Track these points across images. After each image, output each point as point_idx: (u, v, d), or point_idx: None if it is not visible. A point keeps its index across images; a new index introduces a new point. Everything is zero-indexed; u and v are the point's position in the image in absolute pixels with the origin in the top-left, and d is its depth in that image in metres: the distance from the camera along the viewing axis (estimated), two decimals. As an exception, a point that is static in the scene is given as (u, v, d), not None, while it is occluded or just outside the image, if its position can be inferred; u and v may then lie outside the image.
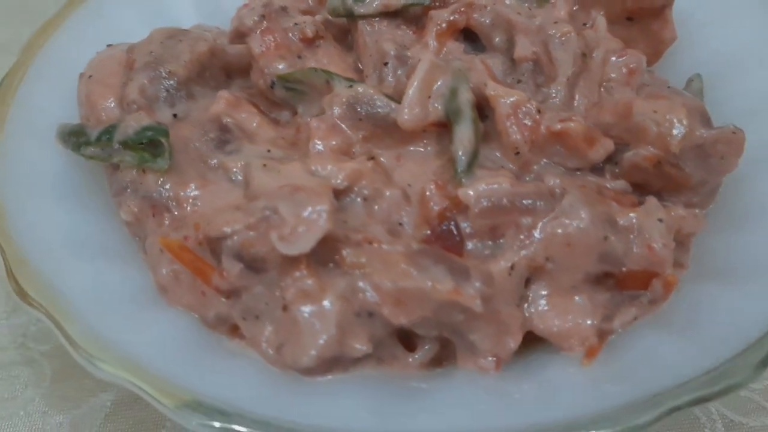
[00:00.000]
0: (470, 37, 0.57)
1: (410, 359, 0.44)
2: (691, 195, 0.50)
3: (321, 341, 0.41)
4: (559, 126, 0.47)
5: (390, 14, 0.56)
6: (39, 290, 0.42)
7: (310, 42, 0.55)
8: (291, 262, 0.42)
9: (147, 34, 0.61)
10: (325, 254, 0.43)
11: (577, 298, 0.45)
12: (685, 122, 0.47)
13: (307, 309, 0.42)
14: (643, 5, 0.61)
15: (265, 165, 0.47)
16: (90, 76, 0.55)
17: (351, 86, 0.50)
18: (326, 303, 0.42)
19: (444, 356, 0.46)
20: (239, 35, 0.55)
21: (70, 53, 0.59)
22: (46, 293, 0.42)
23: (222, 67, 0.57)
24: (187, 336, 0.44)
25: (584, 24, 0.60)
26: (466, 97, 0.48)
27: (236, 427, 0.36)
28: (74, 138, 0.52)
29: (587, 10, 0.62)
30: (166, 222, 0.47)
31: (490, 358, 0.44)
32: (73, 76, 0.58)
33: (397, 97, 0.51)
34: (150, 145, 0.49)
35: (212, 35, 0.58)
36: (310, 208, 0.41)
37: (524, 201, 0.44)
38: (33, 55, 0.57)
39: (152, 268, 0.47)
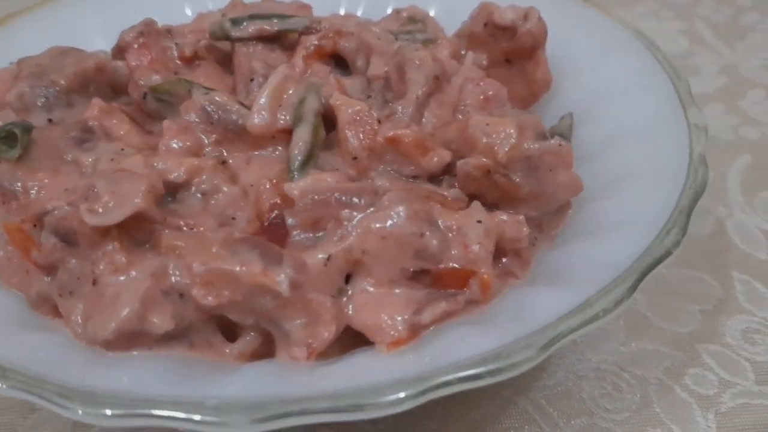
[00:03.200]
0: (341, 63, 0.61)
1: (227, 349, 0.45)
2: (528, 209, 0.52)
3: (122, 314, 0.42)
4: (391, 133, 0.49)
5: (266, 39, 0.60)
6: None
7: (188, 61, 0.59)
8: (103, 236, 0.43)
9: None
10: (141, 235, 0.44)
11: (396, 291, 0.45)
12: (513, 133, 0.49)
13: (113, 282, 0.43)
14: (516, 46, 0.64)
15: (112, 159, 0.49)
16: (-23, 84, 0.58)
17: (207, 93, 0.53)
18: (133, 277, 0.43)
19: (267, 352, 0.46)
20: (120, 50, 0.59)
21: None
22: None
23: (108, 83, 0.61)
24: (8, 311, 0.45)
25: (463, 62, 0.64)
26: (311, 106, 0.51)
27: (11, 385, 0.37)
28: (-53, 136, 0.55)
29: (474, 53, 0.66)
30: (14, 208, 0.49)
31: (303, 347, 0.44)
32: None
33: (256, 109, 0.53)
34: (9, 138, 0.51)
35: (106, 56, 0.62)
36: (126, 185, 0.43)
37: (345, 196, 0.46)
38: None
39: (-6, 251, 0.49)
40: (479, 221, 0.47)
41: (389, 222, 0.45)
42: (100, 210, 0.42)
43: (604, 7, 0.71)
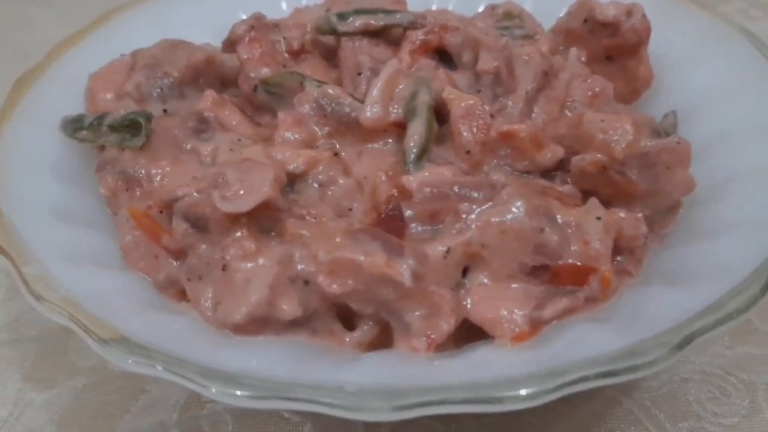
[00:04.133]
0: (446, 59, 0.61)
1: (347, 337, 0.46)
2: (641, 207, 0.51)
3: (253, 299, 0.43)
4: (505, 128, 0.49)
5: (371, 33, 0.61)
6: (5, 237, 0.46)
7: (295, 54, 0.60)
8: (233, 223, 0.45)
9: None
10: (268, 222, 0.45)
11: (513, 287, 0.46)
12: (630, 130, 0.49)
13: (243, 268, 0.44)
14: (619, 43, 0.64)
15: (231, 149, 0.51)
16: (95, 74, 0.60)
17: (320, 86, 0.54)
18: (262, 264, 0.44)
19: (384, 342, 0.47)
20: (231, 43, 0.60)
21: (87, 61, 0.65)
22: (12, 241, 0.46)
23: (217, 76, 0.62)
24: (137, 293, 0.47)
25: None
26: (423, 99, 0.52)
27: (152, 363, 0.38)
28: (72, 125, 0.57)
29: (569, 49, 0.66)
30: (138, 195, 0.51)
31: (422, 338, 0.44)
32: (85, 80, 0.64)
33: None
34: (131, 127, 0.53)
35: (213, 49, 0.64)
36: (255, 175, 0.44)
37: (464, 190, 0.47)
38: (54, 59, 0.63)
39: (118, 235, 0.51)
40: (598, 218, 0.46)
41: (509, 216, 0.45)
42: (232, 197, 0.43)
43: (705, 4, 0.70)
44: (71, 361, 0.59)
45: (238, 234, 0.44)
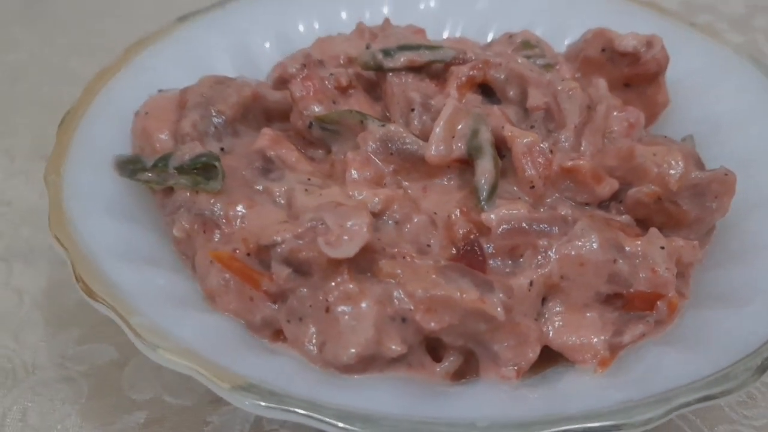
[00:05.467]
0: (486, 91, 0.64)
1: (437, 368, 0.48)
2: (688, 232, 0.55)
3: (361, 340, 0.45)
4: (569, 163, 0.53)
5: (415, 69, 0.63)
6: (104, 290, 0.46)
7: (343, 90, 0.62)
8: (334, 267, 0.46)
9: (191, 83, 0.68)
10: (363, 264, 0.47)
11: (588, 315, 0.49)
12: (681, 164, 0.53)
13: (347, 310, 0.46)
14: (639, 72, 0.68)
15: (306, 189, 0.52)
16: (146, 113, 0.61)
17: (383, 125, 0.56)
18: (364, 305, 0.46)
19: (466, 370, 0.50)
20: (282, 81, 0.61)
21: (124, 97, 0.65)
22: (111, 292, 0.46)
23: (262, 110, 0.64)
24: (235, 336, 0.48)
25: (587, 87, 0.67)
26: (486, 137, 0.54)
27: (289, 408, 0.40)
28: (131, 166, 0.57)
29: (588, 77, 0.69)
30: (216, 238, 0.51)
31: (511, 367, 0.47)
32: (125, 116, 0.64)
33: (422, 138, 0.57)
34: (202, 169, 0.54)
35: (255, 84, 0.65)
36: (352, 220, 0.46)
37: (540, 225, 0.50)
38: (93, 96, 0.63)
39: (200, 278, 0.51)
40: (662, 247, 0.50)
41: (585, 249, 0.49)
42: (336, 242, 0.45)
43: (711, 30, 0.75)
44: (127, 396, 0.59)
45: (339, 278, 0.46)
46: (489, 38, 0.81)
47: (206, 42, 0.74)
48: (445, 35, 0.83)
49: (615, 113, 0.61)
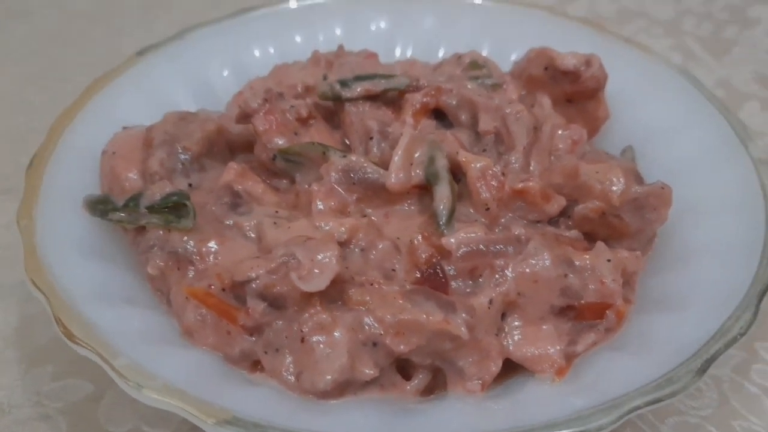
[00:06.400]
0: (439, 115, 0.67)
1: (408, 386, 0.52)
2: (631, 242, 0.60)
3: (336, 366, 0.48)
4: (520, 185, 0.57)
5: (371, 97, 0.66)
6: (85, 332, 0.48)
7: (304, 121, 0.65)
8: (307, 299, 0.49)
9: (154, 118, 0.70)
10: (334, 293, 0.50)
11: (544, 327, 0.53)
12: (622, 180, 0.57)
13: (321, 339, 0.49)
14: (579, 89, 0.72)
15: (275, 223, 0.55)
16: (113, 153, 0.62)
17: (344, 156, 0.59)
18: (337, 334, 0.49)
19: (434, 385, 0.53)
20: (244, 116, 0.64)
21: (89, 135, 0.67)
22: (91, 335, 0.48)
23: (226, 144, 0.66)
24: (215, 369, 0.50)
25: (531, 105, 0.71)
26: (442, 163, 0.58)
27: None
28: (101, 206, 0.59)
29: (533, 93, 0.74)
30: (190, 274, 0.54)
31: (476, 381, 0.51)
32: (91, 155, 0.65)
33: (382, 166, 0.60)
34: (173, 208, 0.56)
35: (216, 117, 0.67)
36: (321, 254, 0.49)
37: (497, 246, 0.53)
38: (58, 136, 0.65)
39: (177, 315, 0.54)
40: (608, 260, 0.54)
41: (539, 267, 0.52)
42: (308, 276, 0.48)
43: (645, 46, 0.80)
44: (105, 429, 0.60)
45: (312, 310, 0.49)
46: (440, 55, 0.85)
47: (166, 75, 0.76)
48: (397, 54, 0.86)
49: (559, 131, 0.65)
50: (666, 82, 0.75)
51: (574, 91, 0.73)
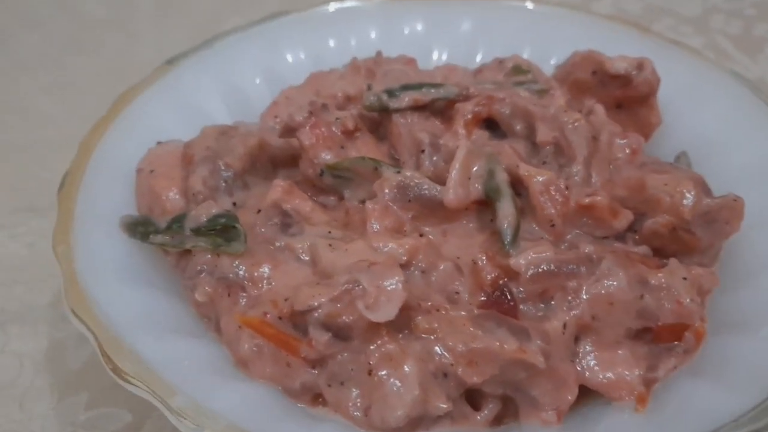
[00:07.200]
0: (491, 125, 0.64)
1: (478, 417, 0.49)
2: (700, 257, 0.57)
3: (408, 401, 0.45)
4: (587, 200, 0.54)
5: (419, 108, 0.63)
6: (137, 369, 0.45)
7: (350, 134, 0.61)
8: (374, 329, 0.46)
9: (185, 129, 0.66)
10: (400, 322, 0.47)
11: (620, 351, 0.50)
12: (693, 192, 0.54)
13: (390, 372, 0.46)
14: (631, 94, 0.69)
15: (330, 245, 0.52)
16: (151, 171, 0.59)
17: (399, 172, 0.55)
18: (407, 366, 0.46)
19: (504, 414, 0.50)
20: (289, 130, 0.60)
21: (121, 151, 0.63)
22: (144, 371, 0.45)
23: (269, 158, 0.63)
24: (275, 404, 0.47)
25: (582, 112, 0.68)
26: (502, 177, 0.55)
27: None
28: (141, 228, 0.56)
29: (580, 99, 0.70)
30: (242, 301, 0.51)
31: (551, 412, 0.48)
32: (125, 172, 0.62)
33: (436, 180, 0.57)
34: (221, 230, 0.53)
35: (257, 130, 0.64)
36: (388, 280, 0.46)
37: (569, 266, 0.50)
38: (89, 154, 0.61)
39: (229, 345, 0.50)
40: (684, 278, 0.51)
41: (614, 288, 0.49)
42: (375, 305, 0.45)
43: (694, 49, 0.77)
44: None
45: (379, 341, 0.46)
46: (477, 59, 0.82)
47: (197, 85, 0.72)
48: (434, 58, 0.83)
49: (617, 140, 0.62)
50: (720, 86, 0.72)
51: (624, 96, 0.70)
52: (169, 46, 0.79)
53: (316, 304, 0.46)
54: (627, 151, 0.62)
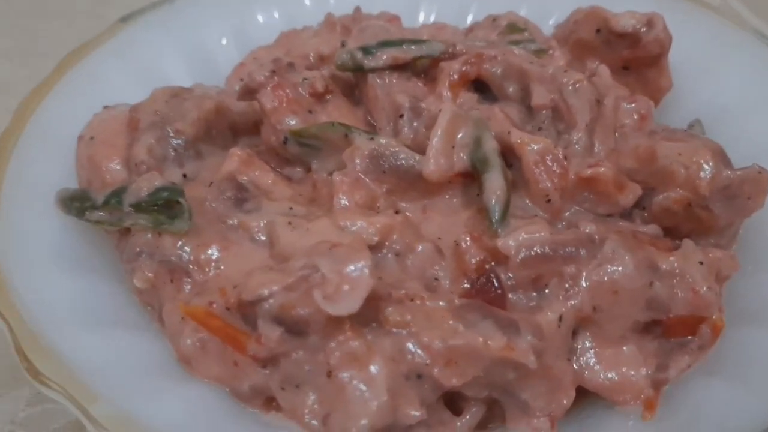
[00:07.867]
0: (480, 87, 0.57)
1: (458, 423, 0.42)
2: (717, 237, 0.50)
3: (373, 408, 0.38)
4: (589, 171, 0.47)
5: (399, 67, 0.55)
6: (55, 369, 0.38)
7: (320, 97, 0.54)
8: (335, 323, 0.39)
9: (141, 95, 0.59)
10: (367, 313, 0.40)
11: (625, 348, 0.43)
12: (711, 163, 0.47)
13: (354, 374, 0.39)
14: (639, 54, 0.62)
15: (290, 222, 0.45)
16: (91, 138, 0.52)
17: (372, 138, 0.48)
18: (373, 366, 0.39)
19: (488, 418, 0.44)
20: (249, 91, 0.53)
21: (63, 117, 0.56)
22: (64, 372, 0.38)
23: (228, 125, 0.56)
24: (220, 410, 0.40)
25: (585, 73, 0.61)
26: (491, 146, 0.48)
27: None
28: (77, 203, 0.49)
29: (583, 61, 0.63)
30: (187, 288, 0.44)
31: (543, 418, 0.41)
32: (66, 141, 0.55)
33: (416, 149, 0.49)
34: (164, 206, 0.46)
35: (215, 93, 0.56)
36: (351, 265, 0.39)
37: (566, 249, 0.43)
38: (25, 119, 0.54)
39: (172, 338, 0.44)
40: (701, 262, 0.44)
41: (619, 274, 0.42)
42: (336, 295, 0.38)
43: (712, 5, 0.69)
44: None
45: (341, 336, 0.39)
46: (468, 21, 0.74)
47: (155, 44, 0.65)
48: (421, 20, 0.75)
49: (624, 105, 0.55)
50: (740, 47, 0.64)
51: (632, 57, 0.62)
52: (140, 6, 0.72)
53: (266, 293, 0.39)
54: (635, 117, 0.55)
